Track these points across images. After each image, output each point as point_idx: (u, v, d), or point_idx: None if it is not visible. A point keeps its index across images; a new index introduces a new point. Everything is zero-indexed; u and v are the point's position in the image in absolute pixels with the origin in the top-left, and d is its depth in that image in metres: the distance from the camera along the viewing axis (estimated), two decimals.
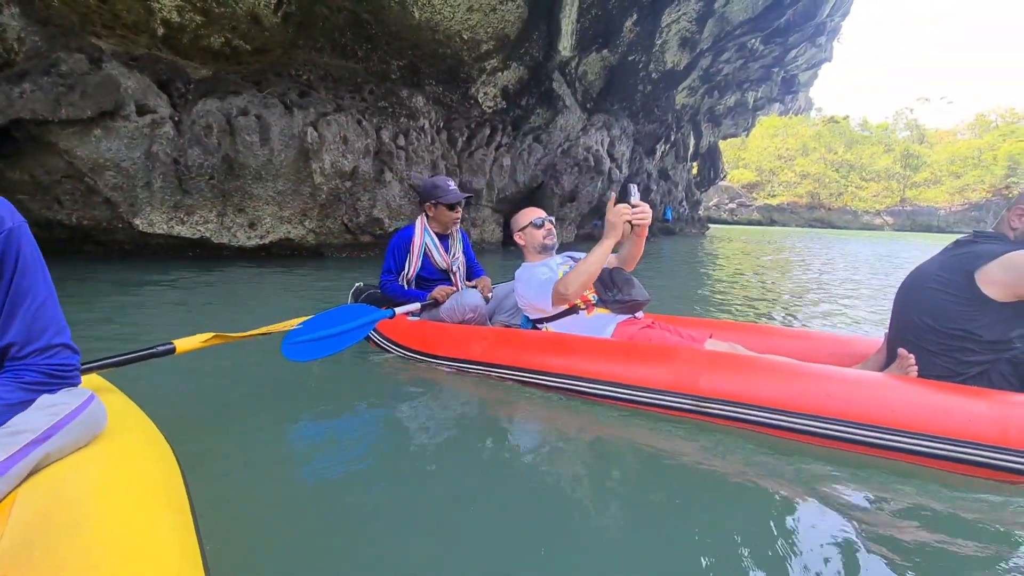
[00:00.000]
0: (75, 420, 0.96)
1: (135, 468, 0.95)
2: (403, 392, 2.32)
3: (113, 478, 0.90)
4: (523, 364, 2.24)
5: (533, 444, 1.87)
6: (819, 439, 1.70)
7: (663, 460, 1.73)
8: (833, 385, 1.74)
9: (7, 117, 5.62)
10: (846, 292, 6.49)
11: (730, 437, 1.80)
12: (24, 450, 0.87)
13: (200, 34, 7.39)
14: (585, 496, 1.51)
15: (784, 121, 57.98)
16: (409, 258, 2.99)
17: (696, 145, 21.05)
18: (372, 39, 8.53)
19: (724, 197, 56.51)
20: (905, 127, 66.58)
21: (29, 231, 1.00)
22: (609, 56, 11.72)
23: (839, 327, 4.25)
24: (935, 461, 1.56)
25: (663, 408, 1.93)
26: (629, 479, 1.63)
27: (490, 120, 10.41)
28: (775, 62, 18.39)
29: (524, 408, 2.14)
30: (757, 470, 1.63)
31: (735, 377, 1.87)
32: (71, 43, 6.15)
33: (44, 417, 0.93)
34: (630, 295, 2.37)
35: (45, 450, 0.90)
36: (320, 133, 7.50)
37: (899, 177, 55.46)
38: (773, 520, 1.39)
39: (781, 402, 1.75)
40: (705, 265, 9.85)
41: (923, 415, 1.58)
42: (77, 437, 0.97)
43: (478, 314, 2.80)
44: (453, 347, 2.48)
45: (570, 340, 2.32)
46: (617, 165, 13.58)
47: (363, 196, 8.27)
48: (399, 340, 2.67)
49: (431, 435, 1.88)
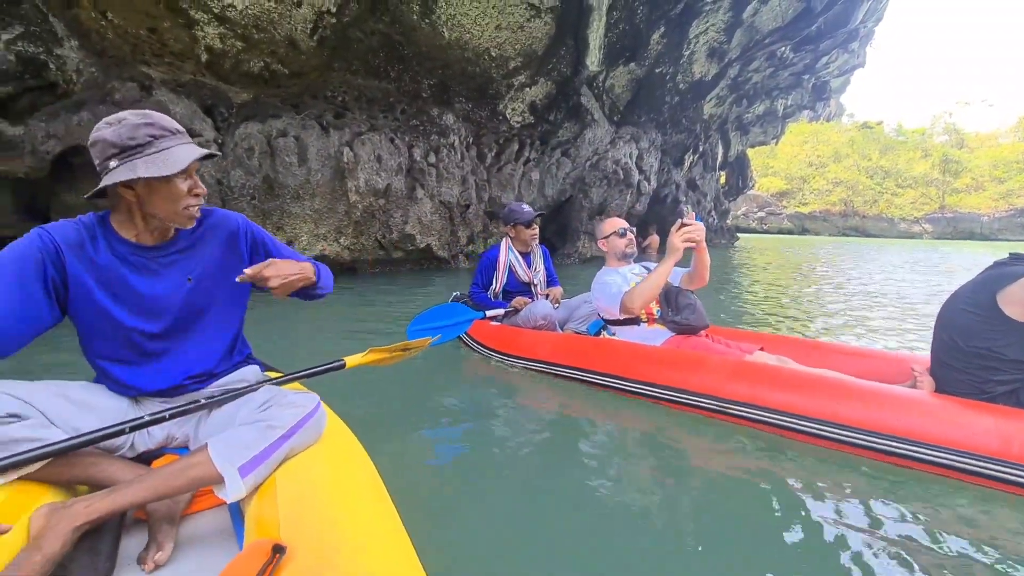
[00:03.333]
0: (312, 419, 1.13)
1: (354, 463, 1.13)
2: (489, 385, 2.85)
3: (342, 470, 1.08)
4: (580, 365, 2.66)
5: (594, 437, 2.20)
6: (828, 442, 1.91)
7: (678, 450, 2.02)
8: (854, 394, 1.91)
9: (66, 144, 5.96)
10: (896, 307, 6.29)
11: (750, 438, 2.04)
12: (279, 441, 1.06)
13: (241, 59, 7.70)
14: (625, 483, 1.78)
15: (815, 128, 56.78)
16: (496, 274, 3.44)
17: (724, 154, 20.79)
18: (404, 59, 8.74)
19: (752, 206, 55.48)
20: (943, 131, 64.37)
21: None
22: (636, 69, 11.73)
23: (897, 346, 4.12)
24: (949, 472, 1.68)
25: (692, 407, 2.25)
26: (662, 470, 1.89)
27: (518, 135, 10.51)
28: (806, 69, 18.09)
29: (581, 403, 2.53)
30: (784, 473, 1.82)
31: (757, 384, 2.09)
32: (124, 72, 6.50)
33: (291, 414, 1.10)
34: (688, 320, 2.58)
35: (291, 444, 1.08)
36: (355, 152, 7.70)
37: (938, 183, 53.51)
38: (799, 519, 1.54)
39: (795, 407, 1.96)
40: (736, 280, 9.67)
41: (939, 428, 1.70)
42: (312, 436, 1.14)
43: (548, 321, 3.20)
44: (525, 349, 2.97)
45: (620, 345, 2.63)
46: (646, 177, 13.51)
47: (396, 213, 8.42)
48: (484, 341, 3.23)
49: (512, 423, 2.31)
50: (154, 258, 1.22)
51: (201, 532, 1.10)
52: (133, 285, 1.19)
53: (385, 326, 4.42)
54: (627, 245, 2.87)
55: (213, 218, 1.32)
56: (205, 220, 1.30)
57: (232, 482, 0.98)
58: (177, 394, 1.28)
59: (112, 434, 1.06)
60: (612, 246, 2.90)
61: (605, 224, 2.96)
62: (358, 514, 0.91)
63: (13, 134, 5.81)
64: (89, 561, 0.91)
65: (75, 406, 1.14)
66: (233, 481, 0.98)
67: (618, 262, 2.90)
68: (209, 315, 1.30)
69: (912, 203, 53.14)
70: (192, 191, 1.18)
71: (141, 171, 1.08)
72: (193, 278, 1.26)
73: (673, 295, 2.66)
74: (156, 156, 1.10)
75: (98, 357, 1.23)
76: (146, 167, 1.09)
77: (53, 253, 1.11)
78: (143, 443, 1.22)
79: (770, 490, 1.71)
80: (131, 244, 1.20)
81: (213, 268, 1.29)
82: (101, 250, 1.17)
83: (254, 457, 1.02)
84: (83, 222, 1.18)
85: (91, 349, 1.23)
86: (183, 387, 1.28)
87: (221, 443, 1.03)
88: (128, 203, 1.16)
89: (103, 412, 1.18)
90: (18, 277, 1.07)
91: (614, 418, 2.34)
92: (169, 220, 1.18)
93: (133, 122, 1.11)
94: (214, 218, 1.32)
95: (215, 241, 1.30)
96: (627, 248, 2.87)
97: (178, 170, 1.11)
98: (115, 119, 1.12)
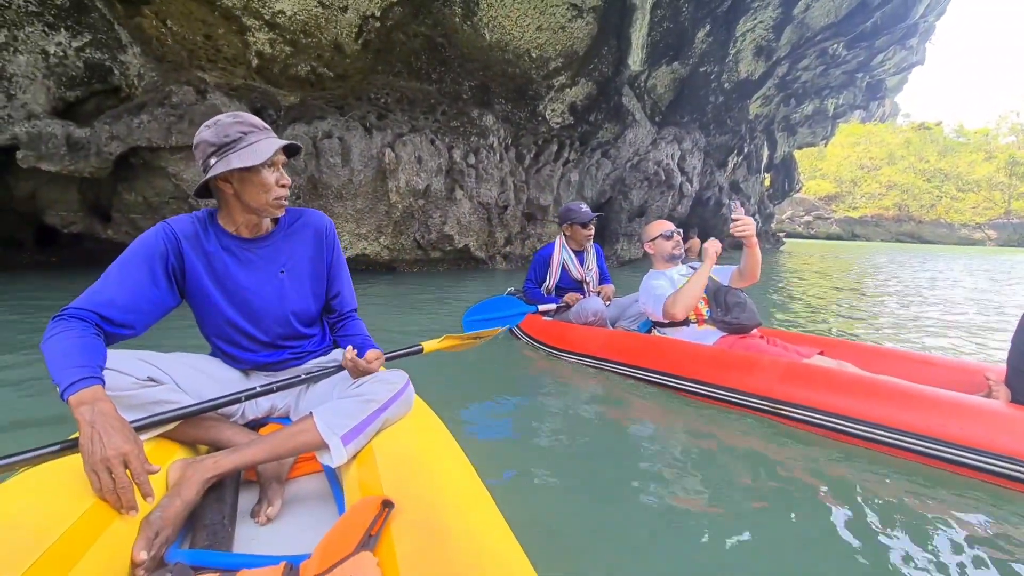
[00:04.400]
0: (404, 394, 1.25)
1: (438, 434, 1.23)
2: (541, 376, 2.97)
3: (430, 440, 1.18)
4: (631, 361, 2.72)
5: (643, 432, 2.27)
6: (891, 449, 1.86)
7: (725, 449, 2.02)
8: (921, 401, 1.83)
9: (127, 145, 6.27)
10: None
11: (804, 443, 2.01)
12: (376, 413, 1.18)
13: (289, 63, 7.94)
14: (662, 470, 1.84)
15: (867, 128, 54.32)
16: (549, 271, 3.55)
17: (770, 156, 20.10)
18: (445, 62, 8.82)
19: (799, 210, 53.51)
20: (1010, 131, 60.39)
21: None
22: (680, 68, 11.48)
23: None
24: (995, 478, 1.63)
25: (743, 407, 2.24)
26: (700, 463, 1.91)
27: (557, 136, 10.45)
28: (859, 67, 17.30)
29: (630, 398, 2.59)
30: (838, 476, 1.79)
31: (813, 386, 2.06)
32: (181, 77, 6.79)
33: (385, 389, 1.22)
34: (738, 319, 2.57)
35: (385, 416, 1.20)
36: (396, 153, 7.81)
37: (1003, 187, 50.24)
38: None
39: (855, 412, 1.92)
40: (785, 286, 9.30)
41: (1016, 441, 1.62)
42: (403, 409, 1.26)
43: (599, 318, 3.26)
44: (577, 344, 3.05)
45: (670, 343, 2.65)
46: (688, 179, 13.20)
47: (435, 213, 8.50)
48: (537, 336, 3.35)
49: (560, 411, 2.43)
50: (251, 249, 1.36)
51: (303, 494, 1.25)
52: (234, 273, 1.34)
53: (429, 321, 4.44)
54: (674, 247, 2.91)
55: (304, 217, 1.46)
56: (298, 219, 1.45)
57: (336, 449, 1.11)
58: (280, 369, 1.45)
59: (231, 401, 1.25)
60: (659, 248, 2.94)
61: (651, 227, 3.00)
62: (450, 477, 1.01)
63: (80, 136, 6.15)
64: (216, 508, 1.07)
65: (199, 375, 1.32)
66: (337, 449, 1.11)
67: (665, 264, 2.94)
68: (298, 302, 1.43)
69: (974, 208, 50.06)
70: (279, 182, 1.29)
71: (235, 163, 1.21)
72: (285, 270, 1.40)
73: (722, 294, 2.65)
74: (246, 149, 1.23)
75: (211, 335, 1.41)
76: (239, 159, 1.21)
77: (174, 244, 1.28)
78: (252, 412, 1.39)
79: (829, 494, 1.67)
80: (232, 236, 1.34)
81: (302, 262, 1.43)
82: (211, 241, 1.32)
83: (354, 427, 1.14)
84: (197, 216, 1.34)
85: (204, 328, 1.41)
86: (285, 363, 1.45)
87: (324, 413, 1.16)
88: (227, 197, 1.29)
89: (220, 382, 1.35)
90: (148, 267, 1.23)
91: (662, 414, 2.37)
92: (261, 209, 1.30)
93: (226, 121, 1.25)
94: (305, 217, 1.46)
95: (305, 238, 1.44)
96: (674, 250, 2.91)
97: (265, 159, 1.22)
98: (212, 122, 1.26)
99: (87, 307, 1.14)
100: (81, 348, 1.05)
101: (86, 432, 0.93)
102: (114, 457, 0.92)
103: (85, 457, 0.92)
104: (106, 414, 0.96)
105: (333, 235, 1.50)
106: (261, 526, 1.11)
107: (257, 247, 1.37)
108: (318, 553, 0.82)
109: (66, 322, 1.10)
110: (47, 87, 6.23)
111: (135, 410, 1.12)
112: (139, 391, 1.14)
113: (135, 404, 1.13)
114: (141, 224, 7.14)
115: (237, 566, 0.89)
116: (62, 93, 6.41)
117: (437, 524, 0.84)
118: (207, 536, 1.01)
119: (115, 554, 0.86)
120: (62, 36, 6.16)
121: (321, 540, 0.84)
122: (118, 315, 1.17)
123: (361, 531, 0.81)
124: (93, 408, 0.96)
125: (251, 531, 1.10)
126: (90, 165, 6.23)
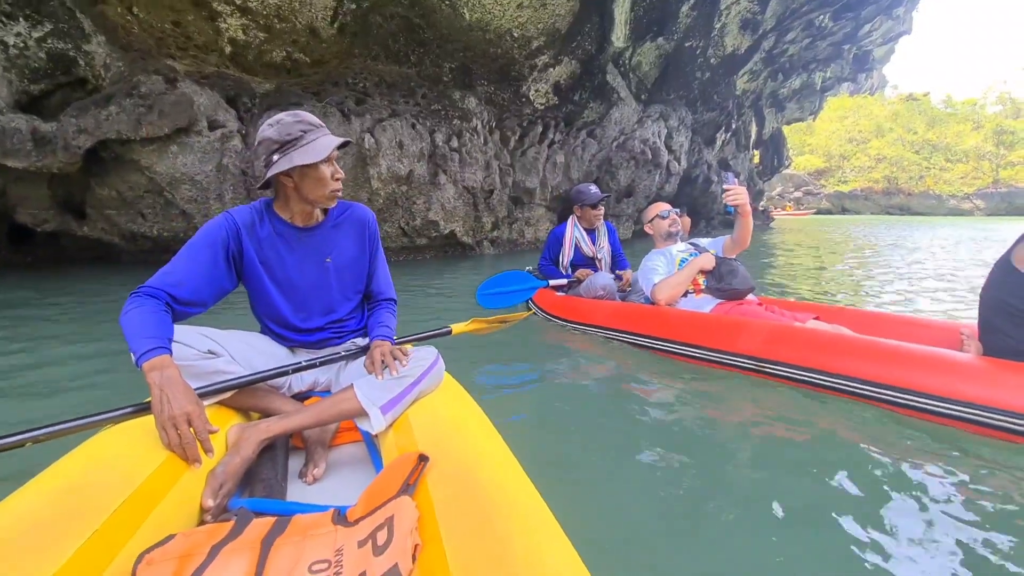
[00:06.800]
0: (435, 369, 1.38)
1: (466, 404, 1.34)
2: (552, 348, 3.19)
3: (460, 409, 1.29)
4: (633, 329, 2.93)
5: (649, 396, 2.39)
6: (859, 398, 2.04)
7: (716, 407, 2.19)
8: (893, 356, 2.01)
9: (96, 138, 6.08)
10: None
11: (796, 398, 2.17)
12: (411, 386, 1.31)
13: (263, 50, 7.72)
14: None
15: (855, 101, 54.08)
16: (562, 249, 3.79)
17: (758, 132, 19.96)
18: (424, 43, 8.61)
19: (788, 186, 53.43)
20: (997, 101, 60.36)
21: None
22: (665, 44, 11.30)
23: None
24: (988, 430, 1.74)
25: (734, 368, 2.43)
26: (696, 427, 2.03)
27: (542, 117, 10.28)
28: (846, 38, 17.13)
29: (632, 363, 2.77)
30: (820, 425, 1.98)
31: (799, 346, 2.24)
32: (149, 66, 6.58)
33: (417, 365, 1.35)
34: (731, 285, 2.74)
35: (419, 388, 1.33)
36: (376, 139, 7.65)
37: (991, 156, 50.32)
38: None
39: (834, 368, 2.10)
40: (777, 263, 9.27)
41: (982, 389, 1.77)
42: (435, 382, 1.39)
43: (607, 292, 3.49)
44: (586, 316, 3.30)
45: (669, 312, 2.83)
46: (676, 157, 13.08)
47: (418, 199, 8.37)
48: (550, 310, 3.60)
49: (571, 377, 2.64)
50: (302, 238, 1.49)
51: (344, 459, 1.40)
52: (284, 258, 1.48)
53: (432, 304, 4.36)
54: (670, 225, 3.11)
55: (351, 210, 1.59)
56: (345, 211, 1.57)
57: (376, 418, 1.25)
58: (322, 346, 1.60)
59: (280, 373, 1.39)
60: (656, 228, 3.16)
61: (649, 209, 3.23)
62: (477, 438, 1.12)
63: (46, 130, 5.96)
64: (270, 466, 1.22)
65: (251, 350, 1.46)
66: (376, 417, 1.25)
67: (664, 243, 3.14)
68: (340, 288, 1.58)
69: (962, 179, 50.19)
70: (334, 176, 1.41)
71: (296, 160, 1.32)
72: (331, 258, 1.53)
73: (716, 264, 2.85)
74: (307, 147, 1.35)
75: (261, 315, 1.57)
76: (300, 156, 1.33)
77: (235, 232, 1.41)
78: (297, 385, 1.54)
79: (818, 441, 1.85)
80: (286, 224, 1.47)
81: (347, 251, 1.57)
82: (266, 228, 1.45)
83: (391, 399, 1.27)
84: (254, 207, 1.47)
85: (256, 308, 1.56)
86: (327, 341, 1.60)
87: (364, 384, 1.30)
88: (287, 190, 1.42)
89: (270, 357, 1.50)
90: (212, 253, 1.37)
91: (660, 376, 2.56)
92: (319, 201, 1.43)
93: (288, 120, 1.36)
94: (352, 210, 1.59)
95: (350, 230, 1.57)
96: (671, 228, 3.11)
97: (324, 156, 1.34)
98: (274, 120, 1.37)
99: (159, 286, 1.27)
100: (154, 322, 1.19)
101: (156, 394, 1.08)
102: (179, 416, 1.07)
103: (156, 415, 1.07)
104: (172, 379, 1.11)
105: (375, 228, 1.63)
106: (309, 485, 1.25)
107: (307, 235, 1.49)
108: (362, 500, 0.93)
109: (141, 299, 1.25)
110: (8, 80, 6.01)
111: (197, 379, 1.25)
112: (200, 362, 1.29)
113: (197, 373, 1.27)
114: (116, 219, 6.97)
115: (292, 511, 1.00)
116: (25, 86, 6.19)
117: (467, 475, 0.94)
118: (264, 488, 1.15)
119: (186, 501, 1.01)
120: (21, 26, 5.93)
121: (364, 490, 0.96)
122: (185, 294, 1.30)
123: (400, 481, 0.92)
124: (162, 374, 1.10)
125: (300, 488, 1.25)
126: (58, 160, 6.04)
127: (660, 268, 2.96)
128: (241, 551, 0.82)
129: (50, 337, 3.53)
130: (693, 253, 3.00)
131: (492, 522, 0.79)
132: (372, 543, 0.81)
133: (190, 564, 0.79)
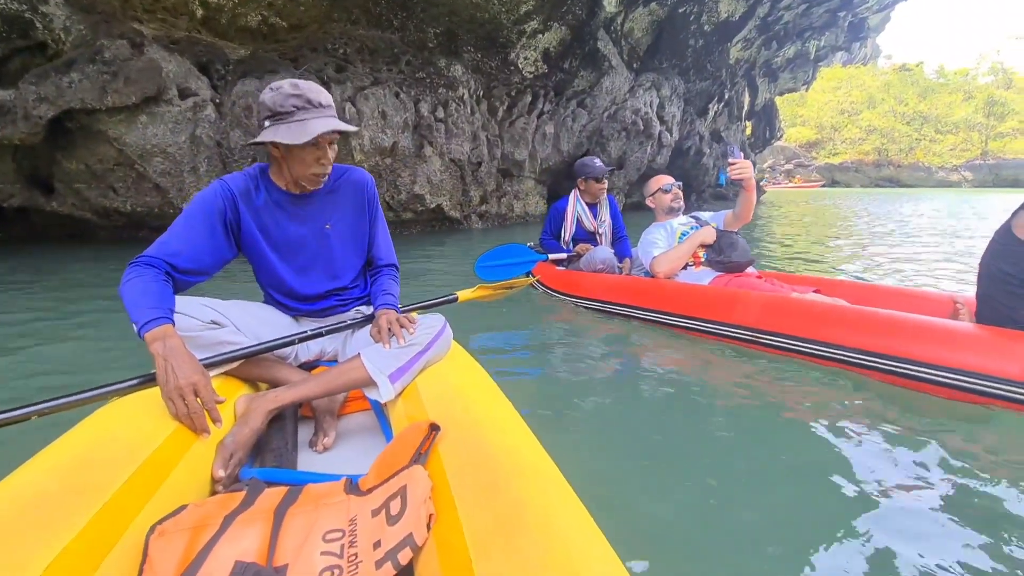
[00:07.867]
0: (442, 336, 1.36)
1: (475, 371, 1.33)
2: (553, 322, 3.23)
3: (468, 377, 1.29)
4: (633, 303, 2.95)
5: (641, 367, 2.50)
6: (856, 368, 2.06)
7: (707, 378, 2.27)
8: (882, 324, 2.02)
9: (58, 108, 5.73)
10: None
11: (776, 363, 2.25)
12: (419, 355, 1.29)
13: (238, 13, 7.30)
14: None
15: (848, 72, 53.47)
16: (564, 224, 3.76)
17: (751, 103, 19.62)
18: (407, 6, 8.21)
19: (780, 158, 53.15)
20: (989, 71, 59.90)
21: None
22: (658, 9, 10.92)
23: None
24: (977, 397, 1.76)
25: (729, 339, 2.46)
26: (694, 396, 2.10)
27: (531, 86, 9.96)
28: (842, 5, 16.73)
29: (632, 335, 2.84)
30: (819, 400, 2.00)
31: (793, 317, 2.25)
32: (113, 29, 6.18)
33: (425, 332, 1.33)
34: (730, 257, 2.73)
35: (427, 357, 1.31)
36: (358, 108, 7.34)
37: (981, 127, 50.20)
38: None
39: (825, 337, 2.13)
40: (772, 237, 9.17)
41: (973, 357, 1.78)
42: (443, 350, 1.37)
43: (607, 266, 3.50)
44: (586, 290, 3.30)
45: (667, 285, 2.84)
46: (667, 128, 12.82)
47: (403, 172, 8.10)
48: (551, 284, 3.60)
49: (572, 351, 2.67)
50: (300, 205, 1.45)
51: (353, 428, 1.40)
52: (283, 226, 1.44)
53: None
54: (672, 199, 3.10)
55: (348, 174, 1.54)
56: (343, 176, 1.53)
57: (384, 387, 1.23)
58: (327, 315, 1.58)
59: (286, 342, 1.36)
60: (658, 202, 3.15)
61: (651, 183, 3.22)
62: (487, 405, 1.11)
63: (4, 98, 5.61)
64: (280, 436, 1.21)
65: (255, 319, 1.43)
66: (385, 386, 1.23)
67: (665, 216, 3.13)
68: (342, 255, 1.54)
69: (951, 150, 50.17)
70: (320, 160, 1.35)
71: (278, 136, 1.27)
72: (331, 224, 1.50)
73: (717, 237, 2.84)
74: (294, 125, 1.27)
75: (264, 284, 1.55)
76: (283, 133, 1.27)
77: (231, 200, 1.37)
78: (304, 355, 1.51)
79: (809, 410, 1.89)
80: (283, 191, 1.43)
81: (346, 217, 1.53)
82: (262, 195, 1.42)
83: (400, 368, 1.25)
84: (249, 173, 1.43)
85: (259, 277, 1.54)
86: (331, 309, 1.58)
87: (371, 353, 1.27)
88: (276, 158, 1.38)
89: (275, 326, 1.47)
90: (209, 223, 1.34)
91: (657, 348, 2.64)
92: (300, 179, 1.38)
93: (286, 91, 1.28)
94: (349, 174, 1.54)
95: (349, 195, 1.53)
96: (672, 202, 3.10)
97: (305, 140, 1.26)
98: (276, 86, 1.30)
99: (157, 255, 1.24)
100: (155, 291, 1.17)
101: (160, 364, 1.06)
102: (185, 386, 1.05)
103: (161, 386, 1.05)
104: (176, 349, 1.09)
105: (374, 192, 1.59)
106: (319, 454, 1.26)
107: (305, 203, 1.46)
108: (374, 469, 0.93)
109: (140, 268, 1.21)
110: None
111: (202, 350, 1.22)
112: (204, 332, 1.26)
113: (201, 344, 1.23)
114: (87, 194, 6.66)
115: (303, 481, 1.01)
116: None
117: (479, 443, 0.93)
118: (274, 458, 1.15)
119: (197, 471, 1.00)
120: None
121: (376, 459, 0.95)
122: (184, 263, 1.28)
123: (412, 450, 0.91)
124: (165, 344, 1.08)
125: (310, 458, 1.24)
126: (19, 131, 5.70)
127: (660, 242, 2.97)
128: (254, 521, 0.82)
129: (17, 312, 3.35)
130: (694, 227, 2.99)
131: (506, 491, 0.78)
132: (386, 512, 0.81)
133: (203, 534, 0.78)
